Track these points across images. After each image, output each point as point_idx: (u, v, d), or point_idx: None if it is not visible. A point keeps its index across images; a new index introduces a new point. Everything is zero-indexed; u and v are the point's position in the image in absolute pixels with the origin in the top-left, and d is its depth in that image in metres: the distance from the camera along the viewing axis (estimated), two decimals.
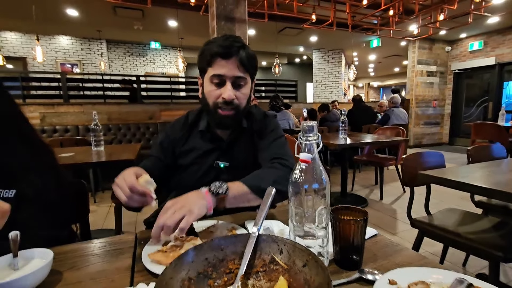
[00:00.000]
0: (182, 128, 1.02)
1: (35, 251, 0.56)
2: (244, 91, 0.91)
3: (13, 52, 6.64)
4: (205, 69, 0.90)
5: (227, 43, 0.85)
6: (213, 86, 0.88)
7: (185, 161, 0.98)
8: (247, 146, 1.00)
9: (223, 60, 0.85)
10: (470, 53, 7.16)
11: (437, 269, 0.53)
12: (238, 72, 0.87)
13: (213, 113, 0.90)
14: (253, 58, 0.91)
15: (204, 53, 0.89)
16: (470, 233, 1.31)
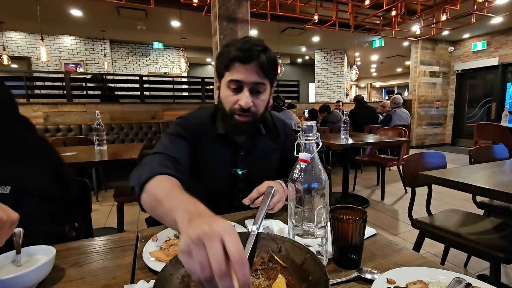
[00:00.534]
0: (201, 127, 0.92)
1: (38, 248, 0.57)
2: (262, 98, 0.86)
3: (18, 52, 6.69)
4: (223, 73, 0.85)
5: (246, 47, 0.80)
6: (230, 92, 0.84)
7: (203, 165, 0.92)
8: (265, 153, 0.98)
9: (242, 64, 0.80)
10: (473, 54, 7.12)
11: (436, 269, 0.53)
12: (257, 77, 0.81)
13: (230, 119, 0.86)
14: (274, 63, 0.85)
15: (221, 56, 0.84)
16: (472, 234, 1.31)
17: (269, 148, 0.99)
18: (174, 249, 0.61)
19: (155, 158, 0.75)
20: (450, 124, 7.77)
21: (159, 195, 0.56)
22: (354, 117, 4.71)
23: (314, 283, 0.43)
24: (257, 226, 0.53)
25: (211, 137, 0.92)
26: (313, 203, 0.55)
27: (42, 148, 0.83)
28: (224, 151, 0.93)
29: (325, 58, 8.39)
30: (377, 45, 7.59)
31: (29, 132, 0.83)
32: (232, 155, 0.94)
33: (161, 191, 0.57)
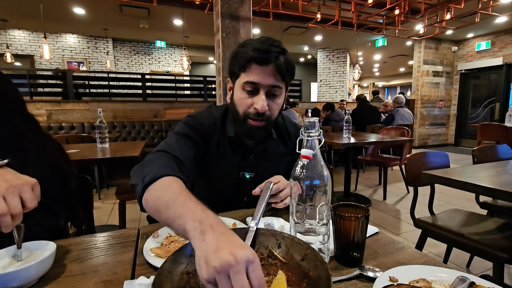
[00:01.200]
0: (211, 129, 0.89)
1: (39, 243, 0.57)
2: (278, 102, 0.83)
3: (21, 50, 6.73)
4: (237, 74, 0.81)
5: (264, 47, 0.76)
6: (245, 94, 0.80)
7: (210, 167, 0.89)
8: (274, 157, 0.95)
9: (259, 66, 0.76)
10: (477, 53, 7.07)
11: (439, 268, 0.53)
12: (274, 80, 0.78)
13: (242, 123, 0.82)
14: (292, 65, 0.81)
15: (237, 56, 0.80)
16: (475, 234, 1.30)
17: (279, 153, 0.97)
18: (175, 245, 0.60)
19: (159, 157, 0.72)
20: (453, 124, 7.72)
21: (165, 198, 0.53)
22: (357, 116, 4.69)
23: (315, 279, 0.42)
24: (256, 222, 0.53)
25: (220, 139, 0.89)
26: (315, 200, 0.55)
27: (41, 143, 0.83)
28: (233, 154, 0.90)
29: (327, 57, 8.37)
30: (380, 44, 7.55)
31: (32, 127, 0.83)
32: (241, 158, 0.91)
33: (168, 194, 0.54)
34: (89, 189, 1.11)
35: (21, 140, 0.77)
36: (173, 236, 0.66)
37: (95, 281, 0.51)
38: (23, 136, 0.78)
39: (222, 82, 2.82)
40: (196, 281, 0.44)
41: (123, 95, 5.32)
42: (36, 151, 0.79)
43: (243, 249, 0.36)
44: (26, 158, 0.76)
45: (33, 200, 0.55)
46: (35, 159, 0.78)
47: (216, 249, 0.36)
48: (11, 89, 0.82)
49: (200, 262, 0.36)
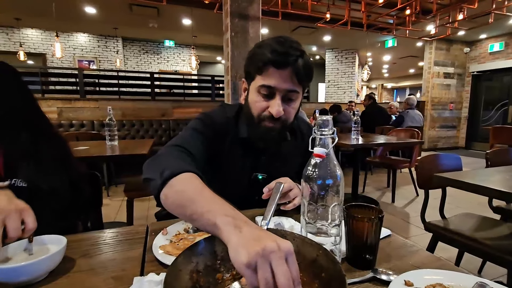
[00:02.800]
0: (225, 128, 0.87)
1: (49, 238, 0.57)
2: (294, 106, 0.80)
3: (34, 49, 6.87)
4: (253, 76, 0.79)
5: (283, 50, 0.73)
6: (260, 97, 0.78)
7: (222, 167, 0.87)
8: (287, 158, 0.93)
9: (276, 70, 0.74)
10: (490, 55, 6.91)
11: (456, 272, 0.51)
12: (291, 85, 0.75)
13: (257, 126, 0.80)
14: (310, 68, 0.78)
15: (254, 58, 0.78)
16: (488, 239, 1.26)
17: (292, 153, 0.95)
18: (184, 243, 0.60)
19: (174, 151, 0.71)
20: (464, 127, 7.57)
21: (189, 193, 0.52)
22: (366, 117, 4.64)
23: (328, 281, 0.42)
24: (266, 222, 0.51)
25: (233, 139, 0.87)
26: (327, 200, 0.53)
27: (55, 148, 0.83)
28: (246, 155, 0.88)
29: (336, 57, 8.30)
30: (390, 45, 7.45)
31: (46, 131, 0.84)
32: (254, 159, 0.89)
33: (192, 190, 0.53)
34: (98, 186, 1.12)
35: (36, 147, 0.78)
36: (182, 234, 0.66)
37: (104, 277, 0.51)
38: (37, 143, 0.79)
39: (231, 81, 2.82)
40: (206, 280, 0.44)
41: (132, 94, 5.37)
42: (50, 157, 0.80)
43: (285, 241, 0.36)
44: (40, 164, 0.77)
45: (16, 230, 0.54)
46: (49, 165, 0.78)
47: (257, 237, 0.36)
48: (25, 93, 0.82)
49: (238, 248, 0.36)
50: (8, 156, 0.74)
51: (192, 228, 0.68)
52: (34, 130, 0.79)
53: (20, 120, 0.77)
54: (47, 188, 0.76)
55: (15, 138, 0.75)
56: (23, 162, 0.75)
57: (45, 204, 0.75)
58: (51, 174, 0.78)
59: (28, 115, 0.80)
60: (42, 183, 0.75)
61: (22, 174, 0.74)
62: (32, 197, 0.74)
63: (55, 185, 0.77)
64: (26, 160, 0.75)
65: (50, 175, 0.78)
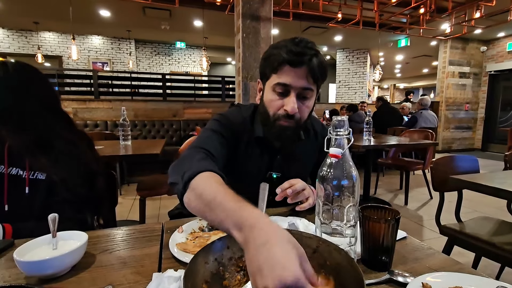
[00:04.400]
0: (241, 128, 0.88)
1: (71, 233, 0.59)
2: (308, 104, 0.82)
3: (51, 51, 7.09)
4: (268, 75, 0.81)
5: (298, 50, 0.75)
6: (276, 96, 0.79)
7: (238, 166, 0.89)
8: (301, 157, 0.95)
9: (292, 68, 0.75)
10: (508, 54, 6.69)
11: (475, 276, 0.50)
12: (306, 83, 0.77)
13: (272, 124, 0.81)
14: (325, 68, 0.80)
15: (270, 58, 0.79)
16: (507, 243, 1.22)
17: (306, 153, 0.96)
18: (200, 241, 0.61)
19: (195, 153, 0.72)
20: (481, 128, 7.35)
21: (208, 198, 0.51)
22: (378, 118, 4.57)
23: (334, 267, 0.43)
24: None
25: (249, 138, 0.88)
26: (343, 200, 0.53)
27: (73, 141, 0.86)
28: (261, 154, 0.89)
29: (347, 57, 8.21)
30: (403, 44, 7.32)
31: (64, 125, 0.87)
32: (269, 158, 0.90)
33: (210, 194, 0.52)
34: (114, 185, 1.15)
35: (54, 137, 0.81)
36: (198, 232, 0.67)
37: (124, 272, 0.52)
38: (55, 133, 0.82)
39: (242, 82, 2.84)
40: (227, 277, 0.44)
41: (144, 95, 5.47)
42: (67, 149, 0.83)
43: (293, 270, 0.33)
44: (56, 155, 0.80)
45: None
46: (65, 157, 0.81)
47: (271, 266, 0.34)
48: (47, 86, 0.87)
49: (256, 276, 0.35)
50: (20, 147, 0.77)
51: (207, 227, 0.69)
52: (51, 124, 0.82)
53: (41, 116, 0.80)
54: (64, 183, 0.79)
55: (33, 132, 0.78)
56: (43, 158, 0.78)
57: (60, 199, 0.78)
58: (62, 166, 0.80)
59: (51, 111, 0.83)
60: (59, 178, 0.78)
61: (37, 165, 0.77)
62: (52, 188, 0.77)
63: (64, 176, 0.79)
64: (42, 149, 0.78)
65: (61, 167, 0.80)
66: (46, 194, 0.78)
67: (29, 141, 0.77)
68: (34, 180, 0.77)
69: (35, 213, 0.76)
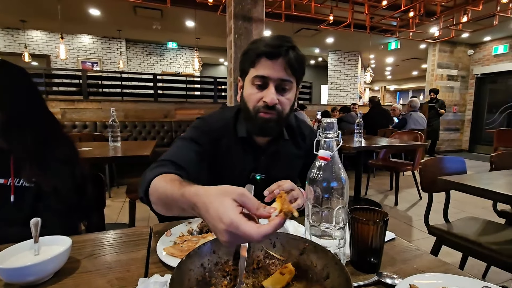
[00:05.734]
0: (222, 130, 0.88)
1: (55, 238, 0.57)
2: (288, 96, 0.81)
3: (38, 50, 6.92)
4: (247, 70, 0.82)
5: (275, 42, 0.77)
6: (255, 89, 0.80)
7: (221, 168, 0.89)
8: (286, 158, 0.94)
9: (269, 60, 0.77)
10: (494, 57, 6.88)
11: (461, 276, 0.50)
12: (284, 74, 0.77)
13: (254, 118, 0.81)
14: (302, 61, 0.80)
15: (248, 53, 0.81)
16: (493, 243, 1.25)
17: (291, 154, 0.95)
18: (188, 244, 0.60)
19: (153, 166, 0.73)
20: (468, 129, 7.52)
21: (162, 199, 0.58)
22: (369, 120, 4.63)
23: (322, 268, 0.44)
24: None
25: (231, 139, 0.88)
26: (332, 203, 0.53)
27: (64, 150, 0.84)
28: (244, 155, 0.89)
29: (338, 59, 8.30)
30: (393, 47, 7.44)
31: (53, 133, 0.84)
32: (252, 159, 0.90)
33: (161, 193, 0.59)
34: (101, 188, 1.12)
35: (42, 148, 0.78)
36: (186, 235, 0.66)
37: (109, 277, 0.51)
38: (44, 144, 0.79)
39: (233, 83, 2.83)
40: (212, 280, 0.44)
41: (135, 95, 5.40)
42: (55, 158, 0.80)
43: (224, 222, 0.39)
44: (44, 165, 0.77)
45: None
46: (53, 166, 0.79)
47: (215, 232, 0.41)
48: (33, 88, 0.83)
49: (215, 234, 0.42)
50: (16, 157, 0.75)
51: (195, 230, 0.68)
52: (41, 131, 0.80)
53: (28, 121, 0.78)
54: (52, 190, 0.76)
55: (22, 139, 0.76)
56: (28, 163, 0.75)
57: (50, 206, 0.76)
58: (56, 176, 0.78)
59: (36, 116, 0.81)
60: (47, 186, 0.76)
61: (26, 175, 0.74)
62: (37, 199, 0.75)
63: (60, 188, 0.77)
64: (31, 161, 0.76)
65: (55, 178, 0.78)
66: (34, 201, 0.75)
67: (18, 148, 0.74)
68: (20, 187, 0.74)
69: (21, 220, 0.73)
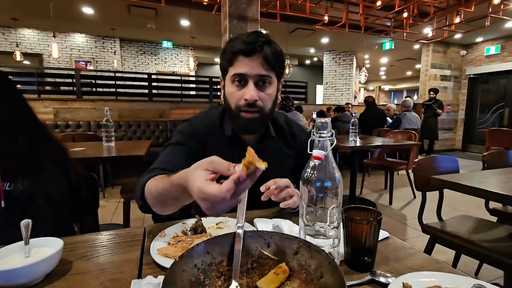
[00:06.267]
0: (207, 130, 0.89)
1: (46, 240, 0.57)
2: (268, 92, 0.81)
3: (30, 49, 6.82)
4: (226, 69, 0.83)
5: (250, 39, 0.77)
6: (235, 87, 0.80)
7: None
8: (275, 156, 0.94)
9: (245, 57, 0.77)
10: (486, 58, 6.98)
11: (454, 275, 0.51)
12: (261, 70, 0.78)
13: (236, 117, 0.82)
14: (280, 55, 0.81)
15: (225, 52, 0.82)
16: (485, 241, 1.27)
17: (281, 151, 0.95)
18: (182, 245, 0.59)
19: (144, 174, 0.74)
20: (461, 129, 7.62)
21: (158, 197, 0.61)
22: (364, 119, 4.67)
23: (316, 268, 0.44)
24: (240, 226, 0.51)
25: (218, 138, 0.88)
26: (326, 202, 0.53)
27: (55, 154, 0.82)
28: (232, 153, 0.87)
29: (333, 60, 8.34)
30: (387, 47, 7.50)
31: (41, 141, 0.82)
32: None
33: (155, 192, 0.62)
34: (95, 187, 1.11)
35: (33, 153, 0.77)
36: (180, 236, 0.65)
37: (101, 279, 0.50)
38: (34, 148, 0.77)
39: None
40: (206, 281, 0.43)
41: (130, 95, 5.35)
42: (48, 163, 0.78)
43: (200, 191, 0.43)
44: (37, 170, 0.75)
45: None
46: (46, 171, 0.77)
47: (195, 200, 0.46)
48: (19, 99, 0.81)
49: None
50: (5, 162, 0.73)
51: (190, 230, 0.68)
52: (30, 136, 0.78)
53: (16, 126, 0.76)
54: (44, 194, 0.75)
55: (11, 145, 0.74)
56: (20, 169, 0.74)
57: (42, 209, 0.74)
58: (48, 180, 0.77)
59: (23, 121, 0.79)
60: (39, 190, 0.74)
61: (19, 181, 0.73)
62: (29, 202, 0.73)
63: (52, 191, 0.76)
64: (23, 167, 0.74)
65: (48, 181, 0.76)
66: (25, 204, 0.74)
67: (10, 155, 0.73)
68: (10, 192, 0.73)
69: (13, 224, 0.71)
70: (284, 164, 0.97)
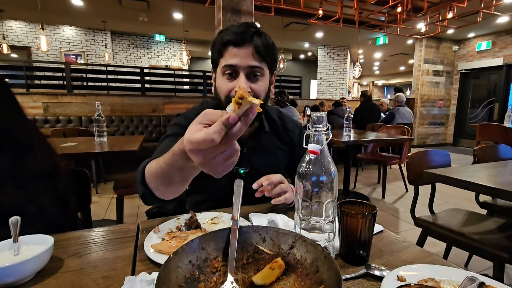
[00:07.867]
0: None
1: (36, 237, 0.55)
2: (260, 83, 0.79)
3: (18, 41, 6.63)
4: (217, 61, 0.81)
5: (240, 29, 0.76)
6: (225, 79, 0.78)
7: None
8: (269, 150, 0.93)
9: (236, 48, 0.75)
10: (477, 53, 7.06)
11: (447, 267, 0.51)
12: (252, 61, 0.76)
13: None
14: (271, 45, 0.79)
15: (216, 43, 0.80)
16: (475, 233, 1.29)
17: (274, 146, 0.95)
18: (176, 241, 0.59)
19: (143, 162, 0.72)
20: (452, 124, 7.74)
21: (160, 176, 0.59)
22: (358, 114, 4.69)
23: (311, 262, 0.43)
24: (235, 221, 0.50)
25: None
26: (321, 197, 0.53)
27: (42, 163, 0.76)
28: None
29: (328, 54, 8.33)
30: (381, 42, 7.52)
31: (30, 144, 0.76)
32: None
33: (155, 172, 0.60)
34: (86, 183, 1.09)
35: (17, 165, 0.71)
36: (175, 232, 0.65)
37: (94, 277, 0.49)
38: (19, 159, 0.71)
39: None
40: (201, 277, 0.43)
41: (122, 89, 5.26)
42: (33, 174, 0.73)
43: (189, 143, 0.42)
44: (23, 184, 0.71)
45: None
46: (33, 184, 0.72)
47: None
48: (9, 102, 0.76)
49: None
50: None
51: (184, 226, 0.67)
52: (15, 146, 0.71)
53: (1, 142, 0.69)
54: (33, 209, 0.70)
55: None
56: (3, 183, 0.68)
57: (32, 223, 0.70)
58: (35, 193, 0.72)
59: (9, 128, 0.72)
60: (27, 204, 0.69)
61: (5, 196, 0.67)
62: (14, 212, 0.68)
63: (41, 204, 0.71)
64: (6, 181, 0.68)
65: (35, 195, 0.71)
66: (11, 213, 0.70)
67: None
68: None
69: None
70: (278, 158, 0.96)
